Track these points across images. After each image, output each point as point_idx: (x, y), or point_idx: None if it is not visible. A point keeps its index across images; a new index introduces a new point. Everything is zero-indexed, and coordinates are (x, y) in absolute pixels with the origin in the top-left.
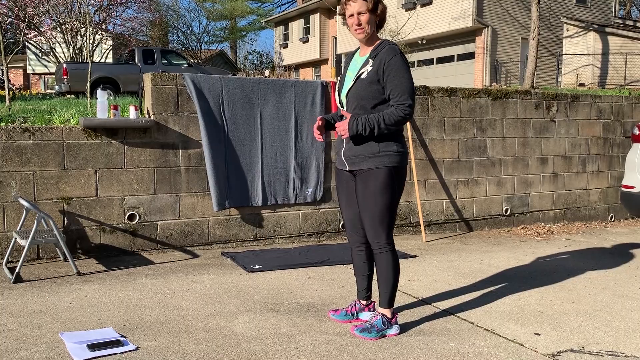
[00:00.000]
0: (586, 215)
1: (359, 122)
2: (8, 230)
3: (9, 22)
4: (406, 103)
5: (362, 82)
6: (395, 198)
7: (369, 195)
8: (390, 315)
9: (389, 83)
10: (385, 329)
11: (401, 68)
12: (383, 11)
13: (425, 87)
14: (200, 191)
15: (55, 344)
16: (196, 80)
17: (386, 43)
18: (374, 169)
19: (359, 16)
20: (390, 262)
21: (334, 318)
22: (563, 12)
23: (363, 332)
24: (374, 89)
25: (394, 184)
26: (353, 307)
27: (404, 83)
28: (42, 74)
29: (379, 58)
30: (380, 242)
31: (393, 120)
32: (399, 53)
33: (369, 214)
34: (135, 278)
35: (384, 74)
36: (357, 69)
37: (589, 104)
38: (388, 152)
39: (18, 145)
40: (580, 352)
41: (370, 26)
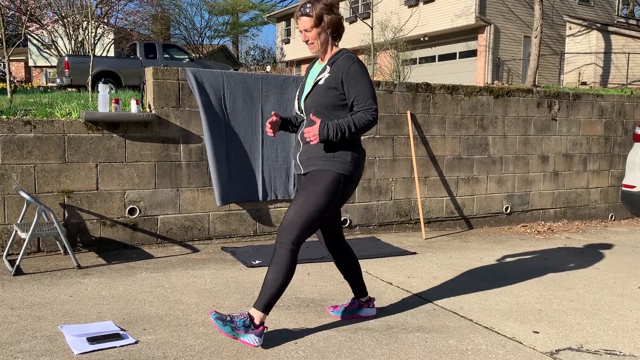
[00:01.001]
0: (586, 214)
1: (330, 127)
2: (9, 222)
3: (10, 15)
4: (372, 107)
5: (320, 88)
6: (330, 205)
7: (307, 191)
8: (258, 322)
9: (351, 90)
10: (242, 332)
11: (360, 75)
12: (333, 22)
13: (427, 84)
14: (200, 186)
15: (55, 336)
16: (198, 75)
17: (343, 52)
18: (323, 171)
19: (306, 33)
20: (285, 263)
21: (333, 314)
22: (566, 10)
23: (217, 320)
24: (332, 95)
25: (336, 192)
26: (352, 304)
27: (366, 89)
28: (43, 67)
29: (337, 65)
30: (286, 240)
31: (362, 123)
32: (356, 61)
33: (297, 207)
34: (135, 272)
35: (343, 82)
36: (315, 76)
37: (590, 103)
38: (341, 159)
39: (19, 138)
40: (579, 351)
41: (319, 40)
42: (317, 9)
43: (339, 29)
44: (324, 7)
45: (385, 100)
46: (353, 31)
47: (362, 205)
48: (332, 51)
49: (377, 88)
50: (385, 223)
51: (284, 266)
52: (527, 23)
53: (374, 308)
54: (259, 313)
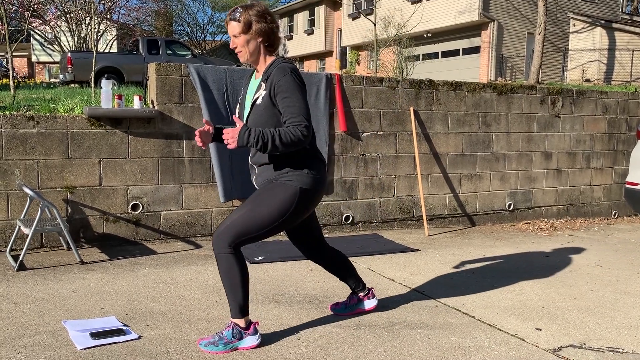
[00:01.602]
0: (589, 212)
1: (251, 133)
2: (12, 218)
3: (13, 11)
4: (302, 124)
5: (258, 109)
6: (278, 220)
7: (258, 199)
8: (245, 325)
9: (281, 104)
10: (236, 341)
11: (291, 88)
12: (263, 31)
13: (430, 81)
14: (203, 182)
15: (58, 331)
16: (201, 71)
17: (277, 62)
18: (280, 182)
19: (234, 39)
20: (232, 267)
21: (335, 312)
22: (570, 7)
23: (208, 346)
24: (272, 113)
25: (290, 206)
26: (352, 300)
27: (295, 104)
28: (46, 62)
29: (270, 80)
30: (222, 242)
31: (289, 139)
32: (288, 72)
33: (241, 213)
34: (138, 267)
35: (275, 96)
36: (253, 93)
37: (594, 100)
38: (297, 173)
39: (22, 133)
40: (582, 348)
41: (247, 49)
42: (246, 15)
43: (270, 38)
44: (256, 14)
45: (388, 97)
46: (356, 27)
47: (365, 202)
48: (266, 62)
49: (380, 85)
50: (387, 220)
51: (232, 270)
52: (531, 19)
53: (374, 298)
54: (240, 319)
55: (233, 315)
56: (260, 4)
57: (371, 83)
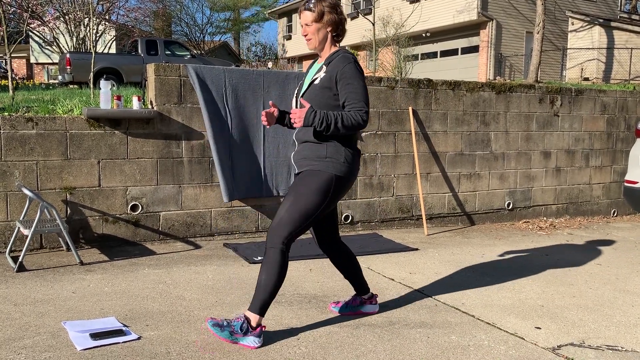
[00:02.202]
0: (588, 210)
1: (317, 114)
2: (11, 219)
3: (12, 12)
4: (363, 110)
5: (314, 88)
6: (320, 207)
7: (298, 190)
8: (255, 325)
9: (343, 91)
10: (241, 335)
11: (354, 76)
12: (334, 21)
13: (429, 80)
14: (202, 182)
15: (58, 332)
16: (199, 72)
17: (341, 51)
18: (315, 171)
19: (306, 27)
20: (276, 263)
21: (335, 310)
22: (568, 5)
23: (215, 327)
24: (326, 95)
25: (327, 193)
26: (354, 300)
27: (358, 91)
28: (45, 64)
29: (332, 65)
30: (275, 241)
31: (350, 122)
32: (352, 61)
33: (286, 207)
34: (137, 268)
35: (337, 82)
36: (312, 75)
37: (593, 98)
38: (334, 160)
39: (21, 134)
40: (581, 346)
41: (317, 37)
42: (320, 6)
43: (338, 29)
44: (328, 5)
45: (387, 97)
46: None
47: (364, 201)
48: (331, 50)
49: (378, 84)
50: (387, 219)
51: (275, 267)
52: (530, 18)
53: (376, 305)
54: (255, 315)
55: (251, 309)
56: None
57: (370, 83)
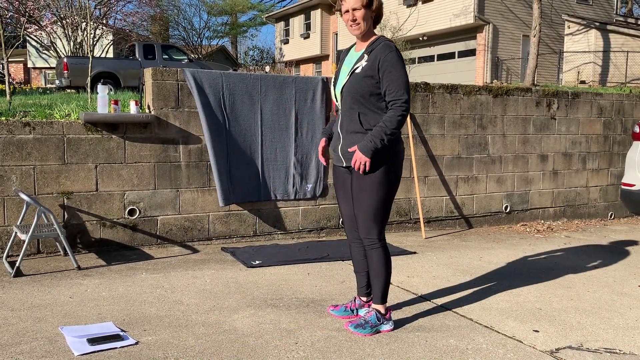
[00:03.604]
0: (586, 213)
1: (370, 142)
2: (8, 224)
3: (9, 16)
4: (402, 98)
5: (356, 77)
6: (390, 194)
7: (364, 190)
8: (384, 311)
9: (385, 79)
10: (380, 324)
11: (397, 64)
12: (379, 7)
13: (426, 84)
14: (200, 186)
15: (55, 338)
16: (197, 76)
17: (382, 39)
18: (372, 163)
19: (354, 12)
20: (381, 258)
21: (333, 314)
22: (565, 9)
23: (357, 327)
24: (369, 84)
25: (389, 180)
26: (353, 304)
27: (400, 79)
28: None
29: (374, 54)
30: (371, 238)
31: (395, 122)
32: (394, 50)
33: (363, 209)
34: (135, 273)
35: (379, 70)
36: (352, 63)
37: (589, 101)
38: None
39: (19, 139)
40: (579, 349)
41: (365, 22)
42: None
43: (379, 15)
44: None
45: None
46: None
47: None
48: (371, 37)
49: None
50: None
51: (382, 263)
52: (526, 22)
53: (369, 307)
54: (381, 305)
55: (375, 302)
56: None
57: None
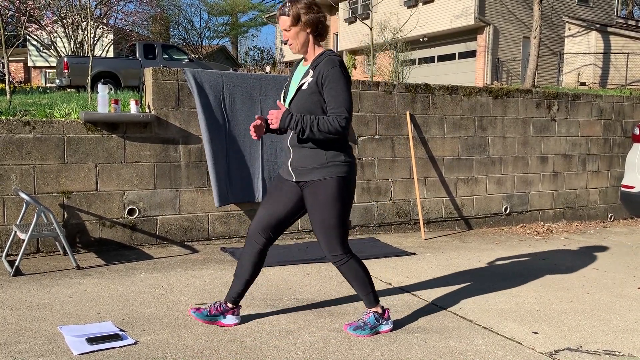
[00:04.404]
0: (585, 215)
1: (293, 117)
2: (8, 223)
3: (10, 15)
4: (342, 115)
5: (303, 93)
6: (345, 208)
7: (320, 206)
8: (382, 311)
9: (326, 94)
10: (379, 325)
11: (338, 80)
12: (311, 21)
13: (426, 85)
14: (200, 186)
15: (55, 337)
16: (197, 76)
17: (327, 53)
18: (322, 180)
19: (285, 32)
20: (355, 269)
21: (194, 316)
22: (565, 11)
23: (356, 330)
24: (315, 100)
25: (343, 194)
26: (217, 308)
27: (340, 95)
28: (42, 67)
29: (319, 69)
30: (336, 254)
31: (326, 128)
32: (337, 65)
33: (321, 226)
34: (134, 272)
35: (322, 85)
36: (299, 79)
37: (589, 103)
38: (336, 162)
39: (19, 138)
40: (578, 351)
41: (298, 40)
42: (295, 8)
43: (319, 28)
44: (303, 6)
45: (384, 101)
46: (352, 32)
47: (362, 205)
48: (315, 52)
49: (376, 89)
50: (384, 224)
51: (356, 271)
52: (526, 24)
53: (238, 316)
54: (376, 307)
55: (369, 306)
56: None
57: (367, 87)
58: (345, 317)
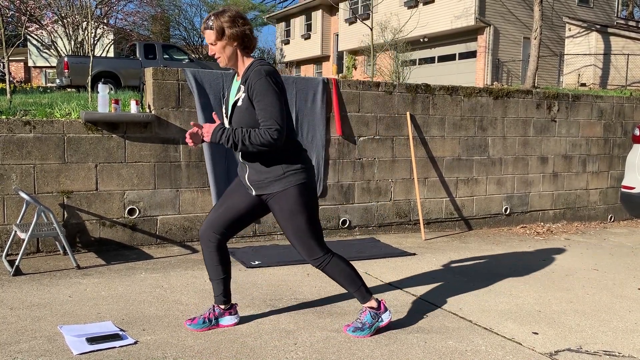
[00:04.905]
0: (586, 216)
1: (224, 132)
2: (8, 223)
3: (10, 15)
4: (272, 127)
5: (239, 110)
6: (313, 212)
7: (288, 216)
8: (376, 305)
9: (256, 106)
10: (377, 321)
11: (266, 91)
12: (236, 35)
13: (427, 86)
14: (200, 186)
15: (55, 337)
16: (197, 76)
17: (254, 64)
18: (283, 191)
19: (211, 47)
20: (338, 268)
21: (191, 328)
22: (565, 12)
23: (356, 331)
24: (252, 114)
25: (306, 200)
26: (211, 313)
27: (268, 107)
28: (43, 67)
29: (249, 82)
30: (316, 257)
31: (258, 141)
32: (264, 75)
33: (294, 234)
34: (134, 272)
35: (253, 99)
36: (234, 94)
37: (590, 104)
38: (292, 171)
39: (19, 138)
40: (578, 352)
41: (225, 54)
42: (218, 22)
43: (245, 41)
44: (227, 20)
45: (384, 102)
46: (353, 32)
47: (362, 206)
48: (245, 64)
49: (376, 89)
50: (384, 224)
51: (341, 269)
52: (527, 24)
53: (237, 315)
54: (370, 301)
55: (362, 301)
56: (231, 9)
57: (368, 87)
58: (345, 318)
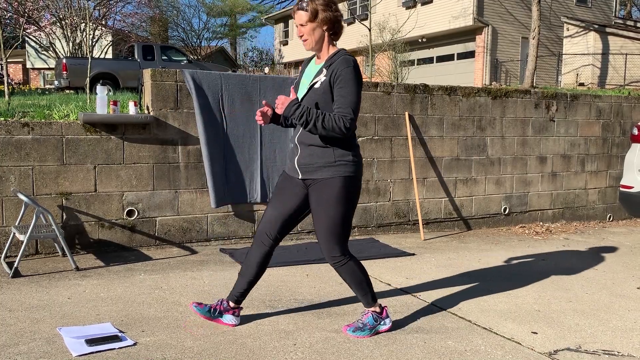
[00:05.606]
0: (584, 215)
1: (299, 107)
2: (7, 225)
3: (8, 17)
4: (348, 116)
5: (315, 92)
6: (350, 209)
7: (324, 205)
8: (380, 310)
9: (335, 92)
10: (378, 324)
11: (350, 81)
12: (329, 19)
13: (425, 86)
14: (199, 187)
15: (54, 338)
16: (196, 77)
17: (342, 53)
18: (329, 179)
19: (301, 27)
20: (353, 271)
21: (195, 310)
22: (564, 11)
23: (356, 331)
24: (327, 99)
25: (349, 195)
26: (219, 305)
27: (349, 96)
28: (41, 69)
29: (332, 67)
30: (334, 256)
31: (330, 125)
32: (351, 65)
33: (323, 225)
34: (133, 274)
35: (334, 84)
36: (311, 77)
37: (588, 103)
38: (344, 162)
39: (17, 140)
40: (577, 351)
41: (313, 37)
42: (313, 4)
43: (335, 26)
44: (322, 3)
45: (383, 102)
46: (351, 33)
47: (361, 206)
48: (330, 51)
49: (375, 89)
50: (383, 224)
51: (354, 273)
52: (525, 24)
53: (238, 317)
54: (375, 306)
55: (367, 306)
56: None
57: (366, 88)
58: (345, 318)
